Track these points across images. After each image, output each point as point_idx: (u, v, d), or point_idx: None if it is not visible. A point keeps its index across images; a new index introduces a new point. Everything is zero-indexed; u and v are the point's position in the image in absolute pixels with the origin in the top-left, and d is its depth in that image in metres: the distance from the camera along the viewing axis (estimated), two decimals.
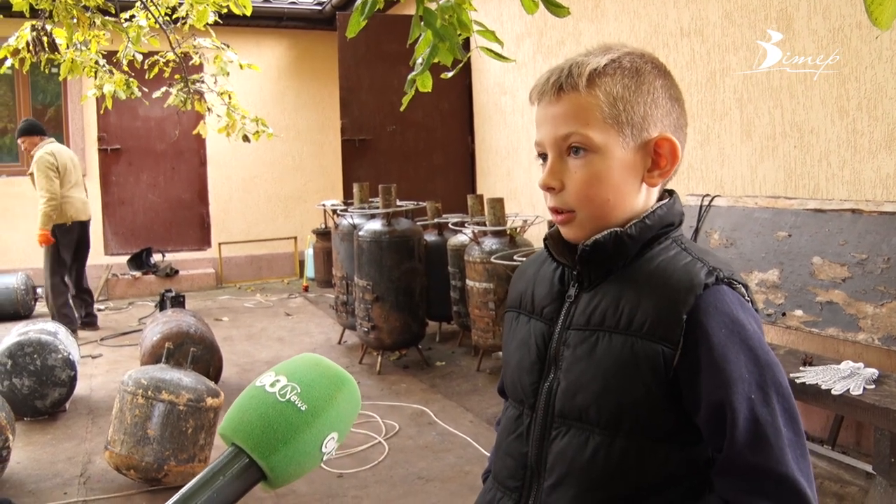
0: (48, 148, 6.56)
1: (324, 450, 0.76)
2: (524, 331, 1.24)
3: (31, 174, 6.55)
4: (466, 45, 2.64)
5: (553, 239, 1.21)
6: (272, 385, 0.76)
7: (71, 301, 6.75)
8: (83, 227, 6.79)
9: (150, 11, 5.37)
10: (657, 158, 1.14)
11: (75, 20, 4.77)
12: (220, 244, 9.62)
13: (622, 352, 1.08)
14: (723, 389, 1.02)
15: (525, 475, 1.18)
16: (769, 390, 1.03)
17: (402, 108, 2.82)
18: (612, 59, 1.13)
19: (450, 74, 2.70)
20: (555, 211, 1.16)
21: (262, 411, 0.74)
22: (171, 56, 5.82)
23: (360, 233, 5.39)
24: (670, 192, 1.21)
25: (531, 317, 1.24)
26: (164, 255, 9.30)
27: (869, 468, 3.13)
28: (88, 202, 6.91)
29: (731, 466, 1.03)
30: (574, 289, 1.19)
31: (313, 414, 0.75)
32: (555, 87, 1.13)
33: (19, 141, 6.78)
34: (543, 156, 1.17)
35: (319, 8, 9.38)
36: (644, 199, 1.16)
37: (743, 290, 1.10)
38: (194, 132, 6.60)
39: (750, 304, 1.10)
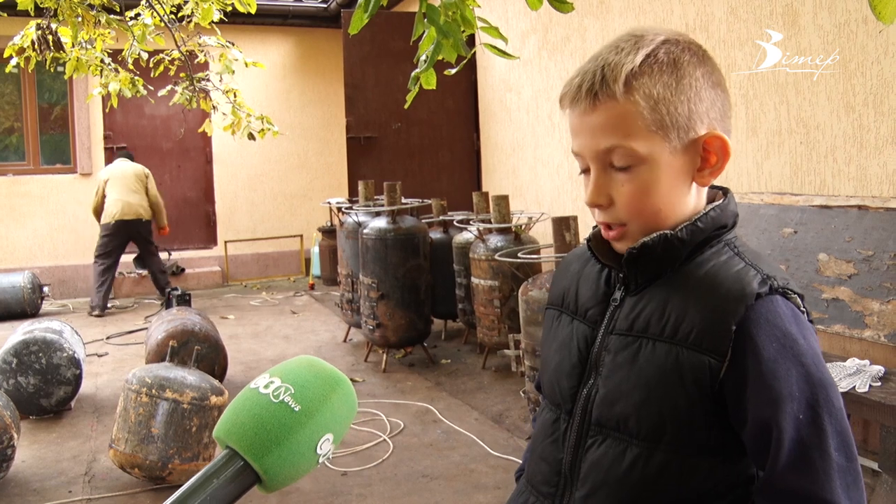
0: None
1: (319, 451, 0.75)
2: (566, 332, 1.19)
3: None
4: (471, 41, 2.64)
5: (597, 240, 1.15)
6: (266, 387, 0.76)
7: (100, 288, 7.77)
8: (128, 224, 7.77)
9: (155, 10, 5.37)
10: (706, 156, 1.07)
11: (80, 19, 4.77)
12: (226, 242, 9.63)
13: (666, 361, 1.03)
14: (770, 407, 0.96)
15: (559, 482, 1.14)
16: (821, 411, 0.97)
17: (406, 106, 2.81)
18: (647, 53, 1.04)
19: (453, 71, 2.68)
20: (606, 226, 1.10)
21: (256, 412, 0.74)
22: (176, 54, 5.81)
23: (365, 230, 5.38)
24: (725, 192, 1.14)
25: (574, 317, 1.18)
26: (170, 254, 9.30)
27: (875, 466, 3.11)
28: (136, 203, 7.83)
29: (772, 488, 0.98)
30: (620, 292, 1.13)
31: (307, 414, 0.74)
32: (589, 96, 1.04)
33: None
34: (585, 168, 1.10)
35: (324, 6, 9.37)
36: (695, 199, 1.10)
37: (798, 300, 1.03)
38: (200, 130, 6.60)
39: (805, 315, 1.04)
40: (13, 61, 5.16)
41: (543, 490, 1.16)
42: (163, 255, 9.15)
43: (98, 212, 7.99)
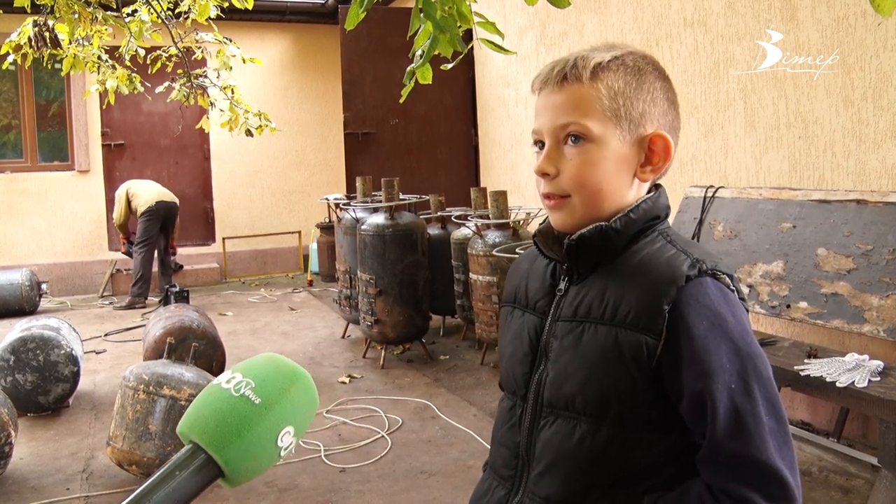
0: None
1: (280, 444, 0.77)
2: (518, 324, 1.28)
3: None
4: (468, 37, 2.63)
5: (542, 235, 1.24)
6: (228, 382, 0.78)
7: (140, 279, 8.01)
8: (168, 206, 8.18)
9: (151, 6, 5.36)
10: (650, 154, 1.17)
11: (77, 15, 4.76)
12: (224, 239, 9.62)
13: (606, 341, 1.11)
14: (703, 380, 1.05)
15: (517, 464, 1.22)
16: (750, 380, 1.06)
17: (401, 101, 2.80)
18: (616, 55, 1.16)
19: (449, 66, 2.68)
20: (547, 196, 1.19)
21: (217, 406, 0.76)
22: (173, 51, 5.80)
23: (363, 227, 5.37)
24: (657, 187, 1.23)
25: (525, 310, 1.27)
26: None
27: (875, 461, 3.11)
28: (168, 191, 8.32)
29: (713, 454, 1.06)
30: (564, 282, 1.22)
31: (267, 407, 0.77)
32: (559, 77, 1.16)
33: None
34: (540, 143, 1.20)
35: (322, 2, 9.35)
36: (634, 193, 1.19)
37: (728, 280, 1.12)
38: (197, 127, 6.57)
39: (735, 294, 1.12)
40: (10, 58, 5.14)
41: (504, 473, 1.24)
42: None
43: (123, 224, 8.23)
